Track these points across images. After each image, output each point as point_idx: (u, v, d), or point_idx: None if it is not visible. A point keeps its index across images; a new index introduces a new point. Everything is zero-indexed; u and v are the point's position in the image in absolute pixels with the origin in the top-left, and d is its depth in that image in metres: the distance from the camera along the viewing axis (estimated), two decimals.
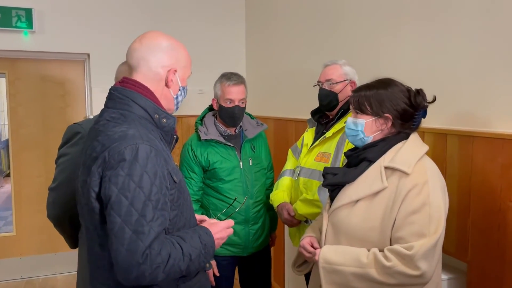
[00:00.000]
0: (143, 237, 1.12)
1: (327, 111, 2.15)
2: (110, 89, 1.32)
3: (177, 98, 1.38)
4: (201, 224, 1.46)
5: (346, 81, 2.09)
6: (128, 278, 1.14)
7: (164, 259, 1.15)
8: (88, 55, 3.73)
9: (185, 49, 1.38)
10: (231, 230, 1.42)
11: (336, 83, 2.08)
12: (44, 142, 3.81)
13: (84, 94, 3.90)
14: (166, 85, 1.33)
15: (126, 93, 1.28)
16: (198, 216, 1.51)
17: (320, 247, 1.54)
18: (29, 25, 3.46)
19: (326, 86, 2.10)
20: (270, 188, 2.46)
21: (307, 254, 1.58)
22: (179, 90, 1.37)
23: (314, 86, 2.19)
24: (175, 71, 1.33)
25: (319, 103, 2.15)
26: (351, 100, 1.55)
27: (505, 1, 1.67)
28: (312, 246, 1.59)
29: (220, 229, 1.37)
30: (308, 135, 2.25)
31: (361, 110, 1.51)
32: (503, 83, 1.71)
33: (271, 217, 2.48)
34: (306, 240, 1.62)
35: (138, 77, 1.31)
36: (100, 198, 1.19)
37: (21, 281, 3.84)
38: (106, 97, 1.32)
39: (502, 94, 1.71)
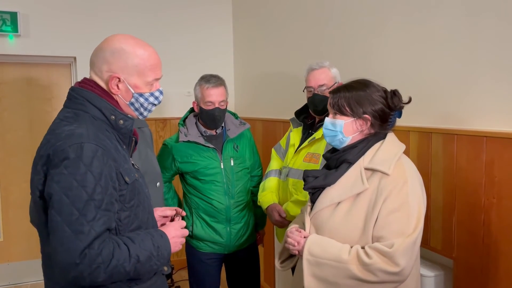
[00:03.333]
0: (82, 237, 1.10)
1: (319, 115, 2.14)
2: (69, 89, 1.31)
3: (132, 104, 1.32)
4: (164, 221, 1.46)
5: (335, 84, 2.10)
6: (67, 278, 1.12)
7: (106, 260, 1.12)
8: (75, 58, 3.70)
9: (143, 53, 1.30)
10: (186, 231, 1.40)
11: (329, 88, 2.07)
12: (31, 147, 3.76)
13: None
14: (110, 91, 1.29)
15: (82, 93, 1.27)
16: (163, 208, 1.50)
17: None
18: (14, 28, 3.42)
19: (319, 92, 2.09)
20: (258, 185, 2.48)
21: (292, 241, 1.54)
22: (133, 97, 1.31)
23: (303, 91, 2.19)
24: (118, 78, 1.27)
25: (314, 109, 2.13)
26: (329, 101, 1.56)
27: (487, 5, 1.71)
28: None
29: (174, 228, 1.35)
30: (294, 135, 2.25)
31: (340, 111, 1.52)
32: (484, 82, 1.74)
33: (257, 214, 2.49)
34: (292, 229, 1.61)
35: (93, 78, 1.31)
36: (44, 196, 1.17)
37: (8, 287, 3.80)
38: (66, 97, 1.31)
39: (483, 93, 1.74)
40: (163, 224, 1.45)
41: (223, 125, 2.37)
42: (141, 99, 1.32)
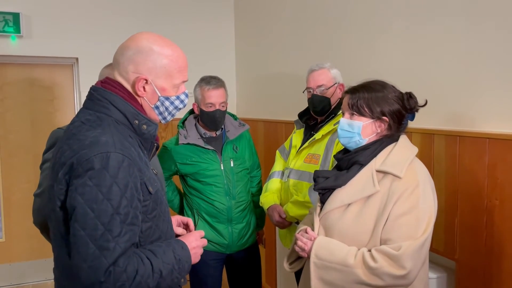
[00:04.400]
0: (107, 254, 1.05)
1: (319, 116, 2.15)
2: (90, 89, 1.24)
3: (157, 108, 1.26)
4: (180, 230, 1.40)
5: (336, 85, 2.11)
6: None
7: (130, 277, 1.07)
8: (77, 59, 3.70)
9: (170, 54, 1.23)
10: (205, 241, 1.36)
11: (328, 88, 2.09)
12: (33, 147, 3.77)
13: (73, 99, 3.87)
14: (136, 93, 1.22)
15: (105, 94, 1.19)
16: (181, 218, 1.45)
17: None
18: (17, 29, 3.43)
19: (318, 92, 2.10)
20: (257, 186, 2.47)
21: (301, 244, 1.53)
22: (159, 100, 1.24)
23: (304, 92, 2.20)
24: (145, 80, 1.20)
25: (313, 109, 2.15)
26: (348, 102, 1.52)
27: (490, 5, 1.70)
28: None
29: (194, 238, 1.31)
30: (297, 136, 2.26)
31: (359, 112, 1.49)
32: (487, 84, 1.74)
33: (257, 215, 2.49)
34: (302, 232, 1.60)
35: (117, 79, 1.23)
36: (66, 207, 1.10)
37: (10, 287, 3.80)
38: (86, 97, 1.24)
39: (486, 94, 1.74)
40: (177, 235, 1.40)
41: (222, 126, 2.37)
42: (167, 103, 1.26)
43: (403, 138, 1.52)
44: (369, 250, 1.41)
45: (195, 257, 1.29)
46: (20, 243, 3.83)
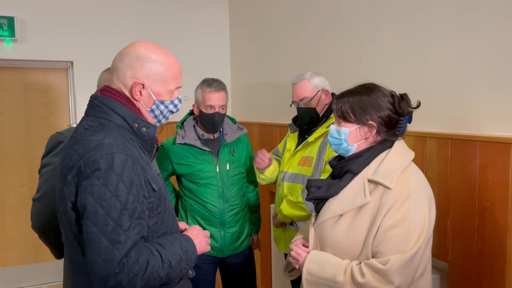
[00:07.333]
0: (119, 246, 1.12)
1: (310, 125, 2.16)
2: (91, 97, 1.31)
3: (153, 111, 1.33)
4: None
5: (319, 93, 2.11)
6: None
7: (142, 267, 1.14)
8: (72, 63, 3.71)
9: (166, 61, 1.31)
10: (207, 232, 1.45)
11: (311, 99, 2.10)
12: (28, 151, 3.76)
13: (68, 102, 3.87)
14: (133, 97, 1.29)
15: (105, 101, 1.27)
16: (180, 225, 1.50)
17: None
18: (11, 33, 3.43)
19: (302, 105, 2.12)
20: (254, 191, 2.48)
21: (294, 255, 1.52)
22: (154, 104, 1.32)
23: (290, 106, 2.21)
24: (142, 84, 1.28)
25: (301, 121, 2.17)
26: (333, 107, 1.49)
27: (481, 7, 1.73)
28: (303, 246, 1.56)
29: (196, 231, 1.40)
30: (291, 140, 2.28)
31: (344, 118, 1.44)
32: (478, 87, 1.76)
33: (252, 220, 2.50)
34: (297, 242, 1.58)
35: (115, 85, 1.30)
36: (77, 207, 1.18)
37: None
38: (87, 105, 1.31)
39: (477, 98, 1.76)
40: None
41: (221, 129, 2.38)
42: (162, 107, 1.33)
43: (398, 144, 1.44)
44: (360, 263, 1.37)
45: (200, 246, 1.37)
46: (15, 247, 3.82)
